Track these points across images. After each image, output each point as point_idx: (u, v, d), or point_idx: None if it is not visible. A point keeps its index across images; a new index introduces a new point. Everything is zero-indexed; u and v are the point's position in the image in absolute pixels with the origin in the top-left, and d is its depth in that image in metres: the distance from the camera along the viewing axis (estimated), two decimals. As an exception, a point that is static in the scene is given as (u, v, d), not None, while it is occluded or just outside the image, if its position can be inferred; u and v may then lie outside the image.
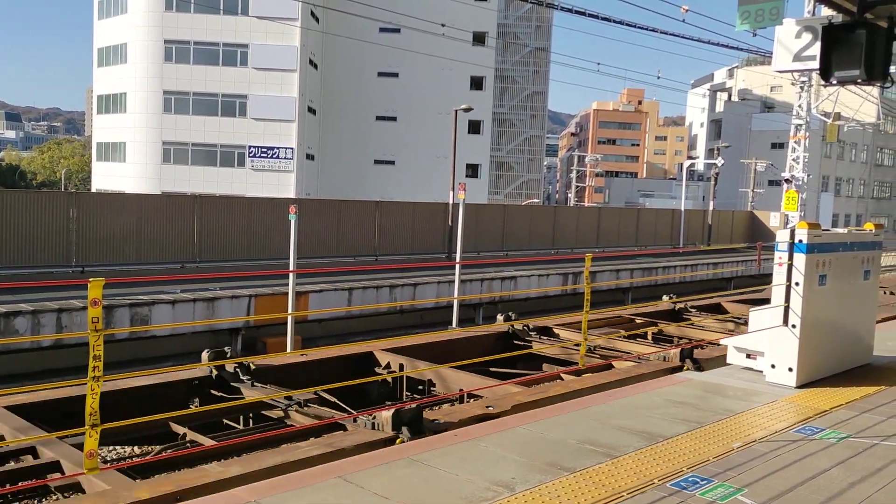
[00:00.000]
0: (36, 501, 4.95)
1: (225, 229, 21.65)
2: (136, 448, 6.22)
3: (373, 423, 5.44)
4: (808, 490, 4.41)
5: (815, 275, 6.91)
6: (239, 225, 21.88)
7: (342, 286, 18.38)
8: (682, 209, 38.93)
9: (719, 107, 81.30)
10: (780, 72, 7.43)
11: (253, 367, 6.98)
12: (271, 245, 21.50)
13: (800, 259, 6.82)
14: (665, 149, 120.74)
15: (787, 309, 6.88)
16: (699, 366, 7.75)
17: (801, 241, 6.82)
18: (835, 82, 7.20)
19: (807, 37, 7.13)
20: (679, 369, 7.69)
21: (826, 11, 8.28)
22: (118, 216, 19.79)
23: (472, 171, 56.98)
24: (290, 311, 14.08)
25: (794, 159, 34.02)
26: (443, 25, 37.52)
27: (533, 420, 5.60)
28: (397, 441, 5.24)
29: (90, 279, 3.68)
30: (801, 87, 33.12)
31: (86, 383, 3.90)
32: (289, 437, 5.84)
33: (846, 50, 6.88)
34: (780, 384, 6.90)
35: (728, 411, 6.03)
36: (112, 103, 51.65)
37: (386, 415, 5.36)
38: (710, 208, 41.13)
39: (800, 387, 6.85)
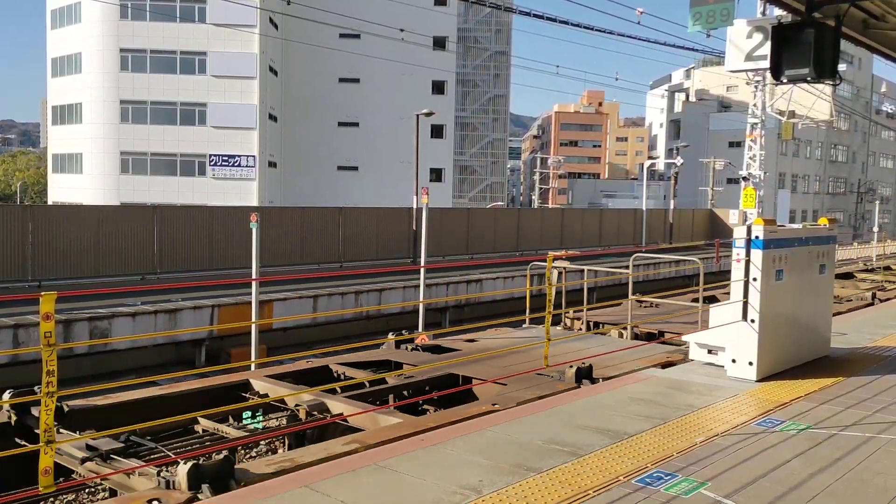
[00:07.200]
0: None
1: (186, 240, 21.34)
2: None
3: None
4: (769, 481, 4.48)
5: (771, 270, 7.03)
6: (200, 235, 21.58)
7: (307, 294, 18.23)
8: (644, 209, 39.39)
9: (678, 107, 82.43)
10: (733, 72, 7.56)
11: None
12: (234, 255, 21.23)
13: (757, 255, 6.93)
14: (626, 149, 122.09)
15: (745, 304, 6.99)
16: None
17: (757, 237, 6.94)
18: (785, 81, 7.34)
19: (758, 37, 7.26)
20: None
21: (777, 12, 8.45)
22: (76, 229, 19.39)
23: (436, 175, 57.05)
24: (253, 320, 13.91)
25: (750, 157, 34.65)
26: (402, 31, 37.50)
27: (498, 422, 5.61)
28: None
29: (42, 293, 3.60)
30: (756, 87, 33.74)
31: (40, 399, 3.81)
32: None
33: (795, 49, 7.02)
34: (741, 378, 7.01)
35: (690, 407, 6.11)
36: (67, 114, 50.67)
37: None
38: (671, 207, 41.65)
39: (760, 380, 6.96)
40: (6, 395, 5.97)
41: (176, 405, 6.66)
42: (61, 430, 5.67)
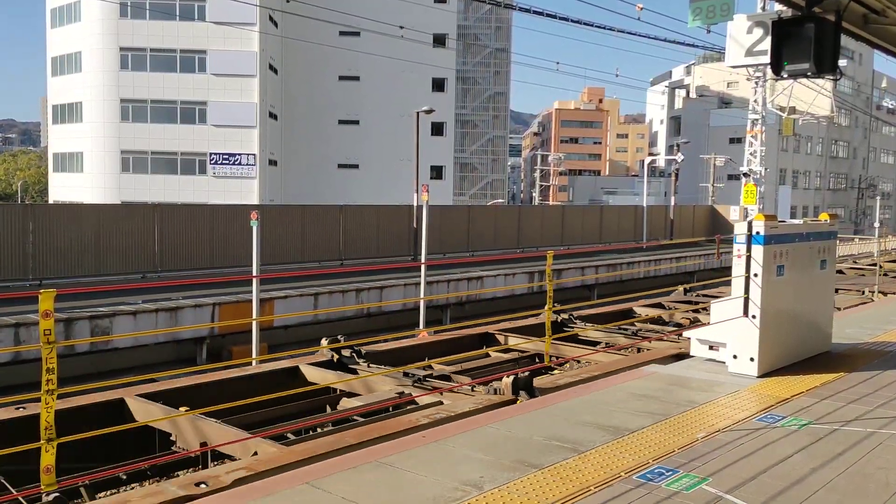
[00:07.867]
0: None
1: (186, 238, 21.36)
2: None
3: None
4: (770, 477, 4.48)
5: (772, 266, 7.01)
6: (201, 233, 21.60)
7: (307, 292, 18.24)
8: (645, 205, 39.38)
9: (678, 104, 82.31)
10: (733, 67, 7.54)
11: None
12: (235, 253, 21.26)
13: (758, 251, 6.92)
14: (626, 146, 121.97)
15: (746, 300, 6.97)
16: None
17: (758, 232, 6.92)
18: (786, 76, 7.33)
19: (758, 32, 7.24)
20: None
21: (777, 7, 8.42)
22: (76, 227, 19.41)
23: (437, 172, 57.04)
24: (254, 317, 13.92)
25: (751, 153, 34.63)
26: (402, 28, 37.49)
27: (499, 419, 5.61)
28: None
29: (41, 291, 3.59)
30: (756, 83, 33.71)
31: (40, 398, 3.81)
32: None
33: (796, 44, 6.99)
34: (743, 374, 7.00)
35: (692, 403, 6.10)
36: (68, 113, 50.69)
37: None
38: (672, 204, 41.65)
39: (761, 376, 6.95)
40: (324, 342, 7.52)
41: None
42: (371, 365, 7.38)
